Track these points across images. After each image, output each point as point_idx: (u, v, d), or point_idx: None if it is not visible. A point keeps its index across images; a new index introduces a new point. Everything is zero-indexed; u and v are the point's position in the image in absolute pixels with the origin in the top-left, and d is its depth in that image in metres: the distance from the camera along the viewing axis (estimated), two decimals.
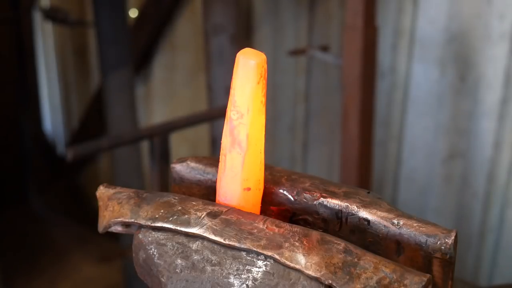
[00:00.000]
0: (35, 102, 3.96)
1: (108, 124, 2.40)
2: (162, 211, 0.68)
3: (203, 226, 0.65)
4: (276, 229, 0.64)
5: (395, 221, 0.66)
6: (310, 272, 0.60)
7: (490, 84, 2.06)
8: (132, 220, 0.69)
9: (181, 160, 0.79)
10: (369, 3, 1.93)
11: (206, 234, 0.65)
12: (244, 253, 0.63)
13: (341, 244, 0.62)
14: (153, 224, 0.67)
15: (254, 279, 0.62)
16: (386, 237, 0.66)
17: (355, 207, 0.68)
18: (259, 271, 0.62)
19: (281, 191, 0.73)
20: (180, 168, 0.79)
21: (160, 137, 1.98)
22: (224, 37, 2.41)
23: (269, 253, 0.62)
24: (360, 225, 0.68)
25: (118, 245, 2.76)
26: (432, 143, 2.27)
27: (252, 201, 0.70)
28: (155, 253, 0.67)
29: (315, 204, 0.71)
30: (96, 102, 3.47)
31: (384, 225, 0.66)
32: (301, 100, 2.59)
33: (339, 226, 0.70)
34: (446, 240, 0.63)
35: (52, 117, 4.45)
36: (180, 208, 0.68)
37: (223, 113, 0.67)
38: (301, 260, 0.61)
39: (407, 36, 2.24)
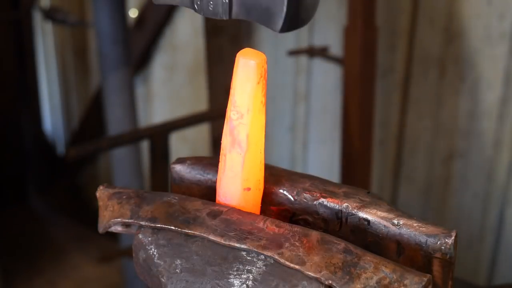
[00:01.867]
0: (35, 102, 3.95)
1: (108, 124, 2.39)
2: (162, 211, 0.68)
3: (203, 226, 0.65)
4: (276, 229, 0.64)
5: (395, 221, 0.66)
6: (310, 272, 0.60)
7: (490, 84, 2.06)
8: (132, 220, 0.69)
9: (181, 160, 0.79)
10: (369, 3, 1.93)
11: (206, 234, 0.65)
12: (244, 253, 0.63)
13: (341, 244, 0.62)
14: (153, 224, 0.67)
15: (254, 279, 0.62)
16: (386, 237, 0.66)
17: (355, 207, 0.68)
18: (259, 271, 0.62)
19: (281, 191, 0.73)
20: (180, 168, 0.79)
21: (160, 137, 1.98)
22: (224, 37, 2.41)
23: (269, 253, 0.62)
24: (360, 225, 0.68)
25: (118, 245, 2.76)
26: (432, 143, 2.27)
27: (252, 201, 0.70)
28: (155, 253, 0.67)
29: (315, 204, 0.71)
30: (96, 102, 3.47)
31: (384, 225, 0.66)
32: (301, 100, 2.59)
33: (339, 226, 0.70)
34: (446, 240, 0.63)
35: (52, 117, 4.45)
36: (180, 208, 0.68)
37: (223, 113, 0.67)
38: (301, 260, 0.60)
39: (407, 36, 2.24)
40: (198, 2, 0.64)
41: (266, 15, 0.60)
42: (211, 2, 0.63)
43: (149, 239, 0.68)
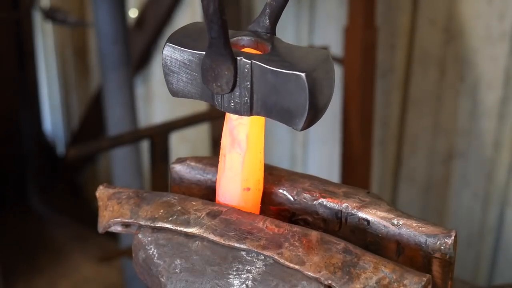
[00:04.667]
0: (35, 102, 3.95)
1: (108, 124, 2.39)
2: (161, 211, 0.68)
3: (203, 226, 0.65)
4: (276, 229, 0.64)
5: (395, 221, 0.66)
6: (310, 272, 0.60)
7: (490, 84, 2.06)
8: (132, 220, 0.69)
9: (181, 160, 0.79)
10: (369, 3, 1.93)
11: (206, 234, 0.65)
12: (243, 253, 0.63)
13: (341, 244, 0.61)
14: (152, 224, 0.67)
15: (254, 279, 0.62)
16: (386, 237, 0.66)
17: (355, 207, 0.68)
18: (258, 271, 0.62)
19: (281, 191, 0.73)
20: (180, 168, 0.79)
21: (160, 137, 1.98)
22: None
23: (269, 253, 0.62)
24: (360, 225, 0.68)
25: (118, 245, 2.76)
26: (432, 143, 2.27)
27: (252, 201, 0.70)
28: (154, 253, 0.67)
29: (314, 204, 0.71)
30: (96, 102, 3.47)
31: (384, 225, 0.66)
32: None
33: (339, 226, 0.70)
34: (446, 240, 0.63)
35: (52, 117, 4.45)
36: (179, 208, 0.68)
37: (223, 113, 0.67)
38: (300, 260, 0.60)
39: (407, 36, 2.24)
40: (219, 100, 0.65)
41: (287, 116, 0.62)
42: (232, 101, 0.64)
43: (149, 239, 0.68)
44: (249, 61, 0.61)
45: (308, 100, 0.60)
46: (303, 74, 0.59)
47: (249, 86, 0.62)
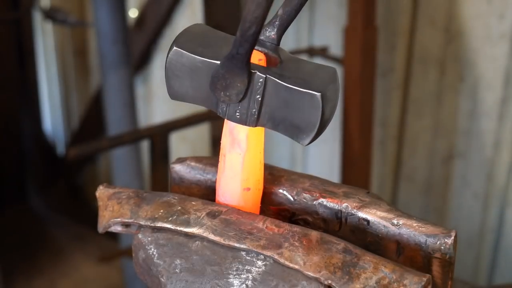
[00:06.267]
0: (35, 102, 3.95)
1: (108, 124, 2.39)
2: (161, 211, 0.68)
3: (203, 226, 0.65)
4: (276, 229, 0.64)
5: (395, 221, 0.66)
6: (310, 272, 0.60)
7: (490, 84, 2.06)
8: (132, 220, 0.69)
9: (181, 160, 0.79)
10: (369, 3, 1.93)
11: (206, 234, 0.65)
12: (243, 253, 0.63)
13: (341, 244, 0.61)
14: (152, 224, 0.67)
15: (254, 279, 0.62)
16: (385, 237, 0.66)
17: (355, 207, 0.68)
18: (258, 271, 0.62)
19: (280, 191, 0.73)
20: (180, 168, 0.79)
21: (160, 137, 1.98)
22: None
23: (269, 253, 0.62)
24: (360, 225, 0.68)
25: (118, 245, 2.76)
26: (432, 143, 2.27)
27: (252, 201, 0.70)
28: (154, 253, 0.67)
29: (314, 204, 0.71)
30: (96, 102, 3.47)
31: (384, 225, 0.66)
32: None
33: (339, 226, 0.70)
34: (446, 240, 0.63)
35: (52, 117, 4.45)
36: (179, 208, 0.68)
37: None
38: (300, 260, 0.60)
39: (407, 36, 2.24)
40: (224, 108, 0.65)
41: (295, 131, 0.62)
42: (238, 111, 0.64)
43: (149, 239, 0.68)
44: (264, 76, 0.62)
45: (319, 119, 0.60)
46: (318, 94, 0.60)
47: (259, 99, 0.62)
